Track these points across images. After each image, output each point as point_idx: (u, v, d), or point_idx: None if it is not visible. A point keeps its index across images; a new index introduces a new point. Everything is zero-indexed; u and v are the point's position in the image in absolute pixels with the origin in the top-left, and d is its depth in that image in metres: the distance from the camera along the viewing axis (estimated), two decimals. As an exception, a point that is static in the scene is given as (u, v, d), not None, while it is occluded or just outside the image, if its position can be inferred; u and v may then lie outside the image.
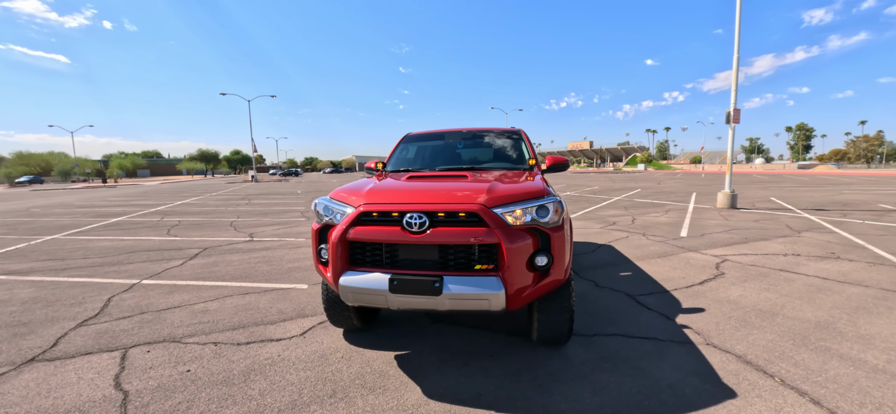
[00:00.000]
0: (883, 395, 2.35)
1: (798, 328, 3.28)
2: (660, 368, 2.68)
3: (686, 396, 2.36)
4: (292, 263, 5.61)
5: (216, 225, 9.53)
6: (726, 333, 3.21)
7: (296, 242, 7.26)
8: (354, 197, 2.62)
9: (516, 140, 4.02)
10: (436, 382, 2.52)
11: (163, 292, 4.39)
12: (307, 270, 5.22)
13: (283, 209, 12.92)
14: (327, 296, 2.96)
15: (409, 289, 2.27)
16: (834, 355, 2.82)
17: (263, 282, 4.73)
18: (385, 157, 4.36)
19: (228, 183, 36.56)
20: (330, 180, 39.91)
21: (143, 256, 6.20)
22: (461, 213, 2.32)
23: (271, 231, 8.50)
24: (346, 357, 2.86)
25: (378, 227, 2.40)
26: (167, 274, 5.15)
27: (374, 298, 2.35)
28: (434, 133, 4.33)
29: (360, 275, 2.40)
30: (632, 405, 2.28)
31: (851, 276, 4.70)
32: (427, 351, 2.95)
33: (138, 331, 3.37)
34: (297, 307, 3.85)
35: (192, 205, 14.93)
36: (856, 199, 13.40)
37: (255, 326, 3.44)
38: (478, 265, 2.34)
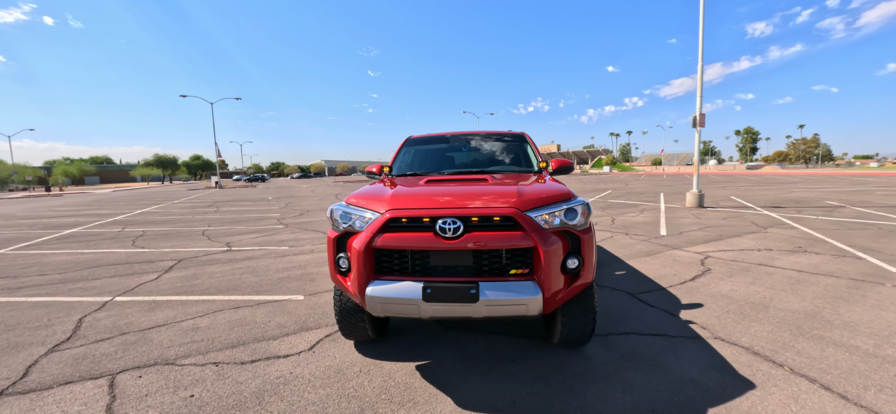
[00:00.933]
0: (881, 377, 2.52)
1: (790, 319, 3.47)
2: (679, 363, 2.75)
3: (710, 389, 2.43)
4: (281, 274, 5.33)
5: (187, 235, 8.93)
6: (729, 326, 3.35)
7: (279, 250, 6.92)
8: (376, 203, 2.50)
9: (522, 143, 4.03)
10: (465, 392, 2.45)
11: (142, 310, 4.02)
12: (299, 280, 4.97)
13: (257, 216, 12.32)
14: (341, 306, 2.81)
15: (444, 297, 2.18)
16: (829, 343, 3.01)
17: (254, 294, 4.45)
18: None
19: (190, 190, 34.50)
20: (300, 186, 38.65)
21: (110, 271, 5.68)
22: (495, 217, 2.27)
23: (250, 240, 8.06)
24: (364, 371, 2.72)
25: (408, 233, 2.30)
26: (142, 289, 4.73)
27: (405, 307, 2.25)
28: (438, 136, 4.26)
29: (390, 284, 2.29)
30: (663, 402, 2.31)
31: (822, 268, 5.07)
32: (448, 360, 2.86)
33: (123, 354, 3.05)
34: (297, 320, 3.64)
35: (154, 214, 13.93)
36: (805, 197, 14.59)
37: (255, 342, 3.21)
38: (513, 270, 2.30)
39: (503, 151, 4.02)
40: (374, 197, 2.58)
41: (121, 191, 36.33)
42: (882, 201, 12.63)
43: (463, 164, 3.96)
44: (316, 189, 30.58)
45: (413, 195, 2.53)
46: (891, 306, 3.69)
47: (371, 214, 2.42)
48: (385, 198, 2.51)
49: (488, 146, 4.10)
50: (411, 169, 3.89)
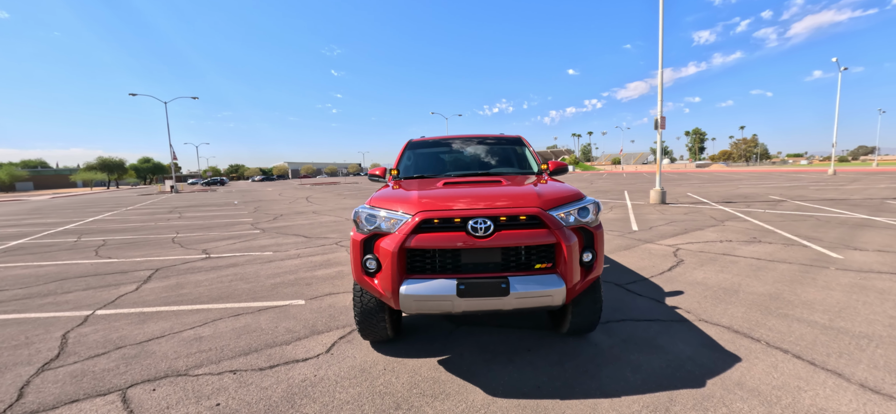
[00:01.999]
0: (839, 346, 2.94)
1: (758, 301, 3.92)
2: (674, 344, 3.05)
3: (705, 364, 2.73)
4: (273, 279, 5.22)
5: (155, 243, 8.42)
6: (708, 309, 3.73)
7: (263, 255, 6.73)
8: (403, 205, 2.59)
9: (520, 146, 4.24)
10: (491, 381, 2.60)
11: (132, 322, 3.82)
12: (294, 285, 4.90)
13: (227, 222, 11.80)
14: (363, 307, 2.86)
15: (477, 292, 2.32)
16: (793, 320, 3.44)
17: (251, 301, 4.35)
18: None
19: (142, 195, 32.13)
20: (264, 189, 37.13)
21: (80, 283, 5.29)
22: (522, 216, 2.44)
23: (228, 246, 7.75)
24: (388, 369, 2.80)
25: (441, 233, 2.41)
26: (124, 301, 4.48)
27: (439, 304, 2.37)
28: (439, 140, 4.39)
29: (423, 282, 2.39)
30: (668, 377, 2.57)
31: (776, 255, 5.70)
32: (467, 353, 3.00)
33: (127, 368, 2.92)
34: (305, 324, 3.63)
35: (109, 222, 12.93)
36: (751, 192, 16.06)
37: (268, 348, 3.18)
38: (538, 264, 2.48)
39: (505, 154, 4.21)
40: (399, 199, 2.67)
41: (62, 197, 33.13)
42: (815, 195, 14.17)
43: (468, 166, 4.10)
44: (283, 192, 29.53)
45: (440, 197, 2.64)
46: (837, 287, 4.26)
47: (399, 216, 2.51)
48: (412, 200, 2.61)
49: (490, 149, 4.28)
50: (418, 171, 3.98)
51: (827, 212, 9.86)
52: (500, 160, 4.14)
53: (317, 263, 6.11)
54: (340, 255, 6.63)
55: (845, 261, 5.26)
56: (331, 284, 4.90)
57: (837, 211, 9.96)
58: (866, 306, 3.67)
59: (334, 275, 5.35)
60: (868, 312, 3.53)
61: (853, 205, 11.15)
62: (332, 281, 5.05)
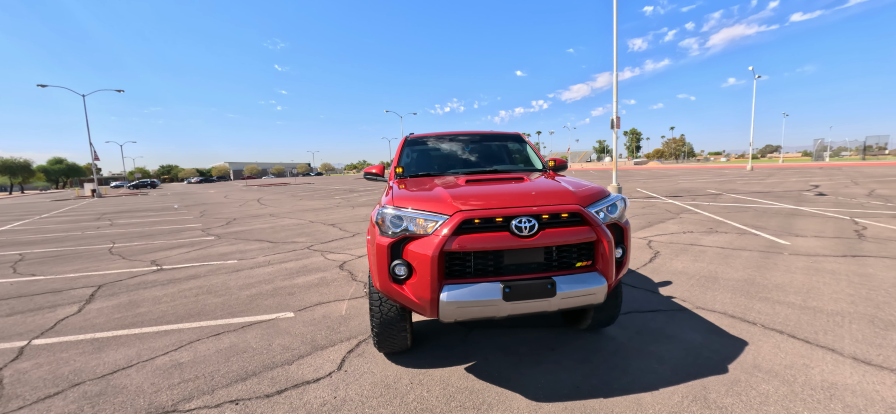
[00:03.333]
0: (821, 324, 3.23)
1: (738, 286, 4.23)
2: (683, 332, 3.17)
3: (719, 350, 2.86)
4: (247, 291, 4.71)
5: (88, 255, 7.29)
6: (699, 297, 3.95)
7: (226, 264, 6.08)
8: (436, 204, 2.39)
9: (523, 144, 4.19)
10: (527, 385, 2.50)
11: (85, 351, 3.22)
12: (275, 296, 4.45)
13: (172, 228, 10.59)
14: (382, 317, 2.63)
15: (524, 294, 2.20)
16: (773, 302, 3.74)
17: (229, 317, 3.87)
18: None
19: (56, 201, 27.98)
20: (205, 192, 34.14)
21: (3, 308, 4.39)
22: (564, 213, 2.35)
23: (181, 256, 6.92)
24: (415, 382, 2.59)
25: (484, 234, 2.25)
26: (67, 327, 3.77)
27: (483, 309, 2.21)
28: (442, 135, 4.19)
29: (466, 288, 2.22)
30: (691, 365, 2.65)
31: (735, 244, 6.23)
32: (491, 357, 2.88)
33: (95, 409, 2.42)
34: (303, 340, 3.29)
35: (23, 232, 11.04)
36: (691, 187, 17.63)
37: (267, 370, 2.82)
38: (578, 263, 2.41)
39: (510, 151, 4.13)
40: (428, 199, 2.47)
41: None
42: (744, 188, 15.89)
43: (475, 163, 3.95)
44: (229, 194, 27.32)
45: (476, 195, 2.48)
46: (796, 270, 4.73)
47: (433, 217, 2.32)
48: (444, 199, 2.42)
49: (496, 146, 4.18)
50: (424, 169, 3.76)
51: (760, 203, 11.06)
52: (506, 157, 4.05)
53: (293, 270, 5.64)
54: (316, 260, 6.18)
55: (793, 247, 5.88)
56: (317, 293, 4.52)
57: (768, 202, 11.22)
58: (827, 287, 4.10)
59: (317, 282, 4.96)
60: (830, 292, 3.94)
61: (778, 196, 12.64)
62: (317, 289, 4.67)
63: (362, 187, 29.03)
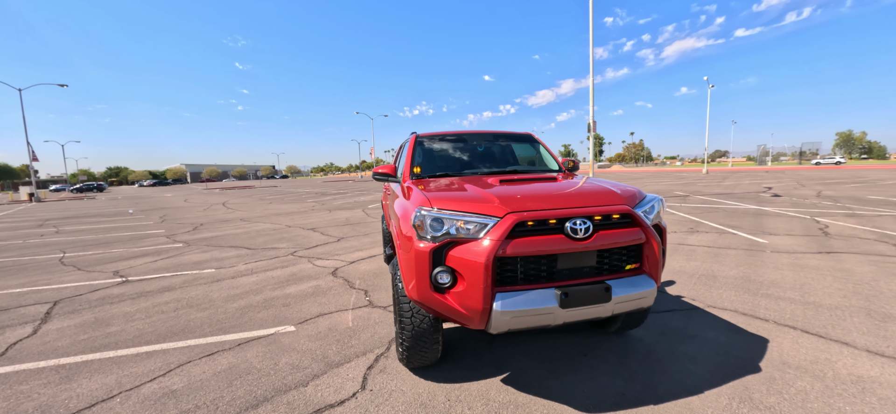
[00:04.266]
0: (825, 319, 3.36)
1: (738, 284, 4.36)
2: (705, 331, 3.18)
3: (745, 347, 2.88)
4: (235, 302, 4.29)
5: (35, 266, 6.44)
6: (706, 295, 4.02)
7: (204, 274, 5.56)
8: (482, 204, 2.21)
9: (537, 144, 4.09)
10: (570, 394, 2.38)
11: (50, 382, 2.74)
12: (269, 308, 4.08)
13: (131, 235, 9.65)
14: (415, 329, 2.42)
15: (582, 300, 2.07)
16: (776, 299, 3.88)
17: (221, 334, 3.48)
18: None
19: (-18, 207, 24.93)
20: (162, 196, 31.85)
21: (-68, 334, 3.71)
22: (615, 215, 2.25)
23: (147, 265, 6.27)
24: (453, 398, 2.39)
25: (538, 237, 2.11)
26: (22, 352, 3.23)
27: (539, 318, 2.05)
28: (456, 135, 3.99)
29: (520, 295, 2.06)
30: (726, 364, 2.64)
31: (719, 243, 6.50)
32: (525, 366, 2.73)
33: (74, 452, 2.03)
34: (313, 357, 2.99)
35: (-57, 243, 9.64)
36: (658, 189, 18.49)
37: (280, 394, 2.51)
38: (628, 265, 2.32)
39: (527, 151, 4.03)
40: (471, 200, 2.29)
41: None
42: (707, 190, 16.86)
43: (495, 162, 3.81)
44: (189, 198, 25.57)
45: (521, 196, 2.31)
46: (784, 267, 4.96)
47: (480, 219, 2.13)
48: (490, 200, 2.25)
49: (512, 146, 4.05)
50: (442, 169, 3.56)
51: (726, 204, 11.74)
52: (524, 157, 3.94)
53: (280, 278, 5.24)
54: (304, 267, 5.80)
55: (772, 245, 6.21)
56: (315, 303, 4.19)
57: (733, 203, 11.93)
58: (817, 282, 4.32)
59: (311, 291, 4.61)
60: (822, 288, 4.14)
61: (739, 198, 13.49)
62: (313, 299, 4.33)
63: (334, 191, 28.19)
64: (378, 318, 3.72)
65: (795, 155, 78.57)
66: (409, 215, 2.41)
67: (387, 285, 4.73)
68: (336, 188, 31.57)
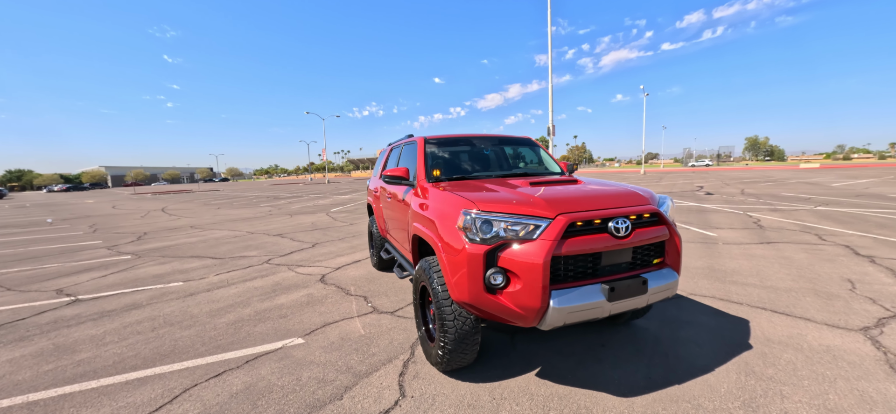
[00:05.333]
0: (786, 300, 3.88)
1: (706, 273, 4.88)
2: (697, 317, 3.54)
3: (733, 329, 3.25)
4: (222, 317, 3.97)
5: (-56, 291, 5.40)
6: (685, 285, 4.45)
7: (171, 287, 5.05)
8: (530, 206, 2.29)
9: (538, 148, 4.26)
10: (608, 383, 2.54)
11: (28, 422, 2.36)
12: (266, 320, 3.83)
13: (60, 247, 8.43)
14: (458, 330, 2.43)
15: (625, 293, 2.23)
16: (741, 285, 4.40)
17: (220, 352, 3.21)
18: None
19: None
20: (82, 202, 28.14)
21: None
22: (646, 214, 2.45)
23: (97, 282, 5.54)
24: (497, 397, 2.44)
25: (587, 236, 2.24)
26: (-28, 391, 2.73)
27: (590, 312, 2.18)
28: (463, 138, 4.01)
29: (572, 292, 2.18)
30: (723, 344, 2.97)
31: (678, 236, 7.18)
32: (553, 360, 2.85)
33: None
34: (336, 368, 2.88)
35: None
36: (609, 188, 19.86)
37: (315, 410, 2.39)
38: (655, 259, 2.53)
39: (532, 156, 4.18)
40: (518, 202, 2.35)
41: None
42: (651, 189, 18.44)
43: (506, 166, 3.94)
44: (118, 205, 22.86)
45: (563, 198, 2.42)
46: (738, 257, 5.63)
47: (532, 221, 2.21)
48: (537, 202, 2.33)
49: (519, 150, 4.19)
50: (458, 172, 3.60)
51: (671, 201, 12.95)
52: (531, 161, 4.08)
53: (265, 289, 4.92)
54: (287, 276, 5.49)
55: (721, 238, 7.00)
56: (315, 313, 4.01)
57: (677, 201, 13.20)
58: (768, 269, 4.97)
59: (305, 301, 4.39)
60: (774, 274, 4.78)
61: (679, 195, 14.96)
62: (311, 308, 4.14)
63: (287, 194, 26.81)
64: (389, 324, 3.66)
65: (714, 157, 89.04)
66: (449, 218, 2.43)
67: (385, 291, 4.64)
68: (288, 192, 30.02)
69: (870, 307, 3.60)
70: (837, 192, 14.36)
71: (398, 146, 4.88)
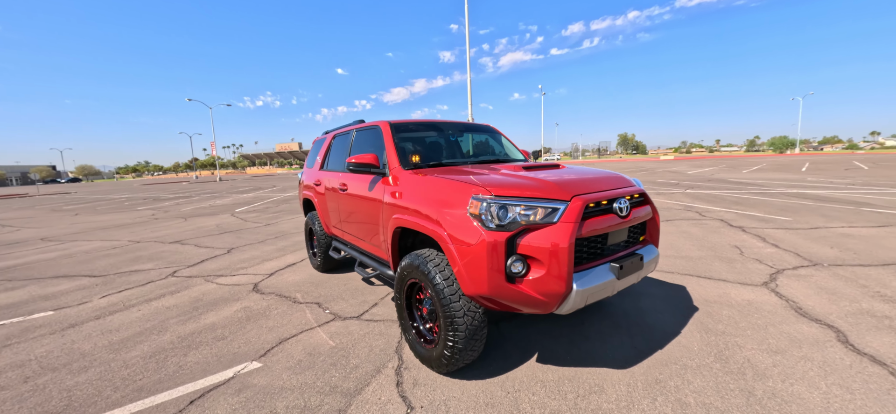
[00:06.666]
0: (696, 266, 4.60)
1: (634, 248, 5.51)
2: (647, 288, 3.94)
3: (677, 295, 3.70)
4: (131, 351, 3.10)
5: None
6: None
7: (36, 319, 3.79)
8: (544, 190, 2.21)
9: (501, 135, 4.21)
10: (603, 357, 2.63)
11: None
12: (199, 347, 3.10)
13: None
14: (469, 325, 2.26)
15: (629, 270, 2.34)
16: (662, 257, 5.08)
17: (150, 396, 2.47)
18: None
19: None
20: None
21: None
22: (636, 194, 2.60)
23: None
24: (511, 390, 2.33)
25: (600, 217, 2.29)
26: None
27: (602, 291, 2.21)
28: (429, 123, 3.74)
29: (589, 273, 2.20)
30: (677, 308, 3.35)
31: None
32: (545, 344, 2.87)
33: None
34: (318, 390, 2.44)
35: None
36: (522, 179, 21.40)
37: (307, 441, 1.98)
38: (641, 237, 2.70)
39: (498, 142, 4.10)
40: (531, 186, 2.24)
41: None
42: (557, 179, 20.41)
43: (478, 154, 3.82)
44: None
45: (574, 180, 2.40)
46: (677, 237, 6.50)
47: (550, 204, 2.14)
48: (550, 185, 2.25)
49: (489, 138, 4.07)
50: (435, 158, 3.38)
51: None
52: (501, 149, 4.00)
53: (181, 306, 4.01)
54: (206, 289, 4.58)
55: (631, 217, 8.03)
56: (262, 329, 3.39)
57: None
58: (677, 242, 5.84)
59: (243, 316, 3.70)
60: (682, 245, 5.63)
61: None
62: (255, 324, 3.49)
63: (169, 194, 22.81)
64: (359, 330, 3.28)
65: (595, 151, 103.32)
66: (453, 205, 2.25)
67: (340, 294, 4.17)
68: (170, 192, 25.50)
69: (759, 266, 4.48)
70: (694, 178, 17.82)
71: (343, 133, 4.41)
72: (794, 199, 9.51)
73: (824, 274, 4.10)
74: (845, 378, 2.29)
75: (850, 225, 6.38)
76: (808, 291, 3.65)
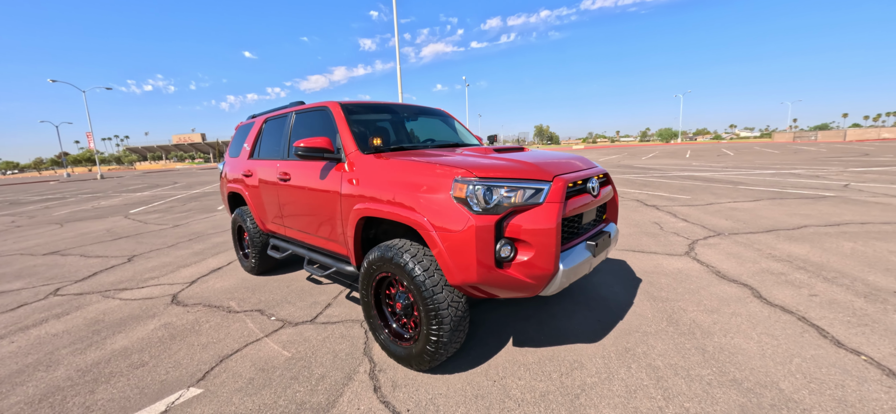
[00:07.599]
0: (634, 241, 5.09)
1: (574, 229, 5.90)
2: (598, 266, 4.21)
3: (621, 269, 4.03)
4: (15, 392, 2.39)
5: None
6: (567, 241, 5.27)
7: None
8: (527, 171, 2.14)
9: (454, 120, 4.07)
10: (571, 332, 2.72)
11: None
12: (112, 379, 2.51)
13: None
14: (453, 319, 2.14)
15: (601, 247, 2.44)
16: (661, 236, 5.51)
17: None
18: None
19: None
20: None
21: None
22: (600, 175, 2.72)
23: None
24: (496, 377, 2.27)
25: (578, 197, 2.33)
26: None
27: (582, 270, 2.25)
28: (384, 105, 3.44)
29: (570, 253, 2.23)
30: (625, 281, 3.63)
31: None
32: (518, 327, 2.88)
33: None
34: (283, 408, 2.12)
35: None
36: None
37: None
38: (603, 215, 2.84)
39: (452, 126, 3.95)
40: (512, 168, 2.16)
41: None
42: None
43: (441, 137, 3.63)
44: None
45: (552, 162, 2.38)
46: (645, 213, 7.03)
47: (535, 185, 2.09)
48: (531, 166, 2.20)
49: (440, 121, 3.88)
50: (396, 143, 3.15)
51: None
52: (456, 134, 3.85)
53: (74, 331, 3.22)
54: (110, 306, 3.76)
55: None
56: (194, 346, 2.87)
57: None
58: (608, 220, 6.38)
59: (165, 335, 3.10)
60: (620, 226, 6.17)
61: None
62: (183, 342, 2.95)
63: (32, 196, 18.64)
64: (316, 335, 2.95)
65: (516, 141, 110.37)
66: (432, 188, 2.12)
67: (285, 297, 3.73)
68: (32, 194, 20.79)
69: (678, 239, 5.10)
70: (606, 164, 19.84)
71: (278, 117, 3.92)
72: (687, 181, 11.10)
73: (728, 242, 4.82)
74: (769, 327, 2.69)
75: (733, 200, 7.63)
76: (720, 257, 4.25)
